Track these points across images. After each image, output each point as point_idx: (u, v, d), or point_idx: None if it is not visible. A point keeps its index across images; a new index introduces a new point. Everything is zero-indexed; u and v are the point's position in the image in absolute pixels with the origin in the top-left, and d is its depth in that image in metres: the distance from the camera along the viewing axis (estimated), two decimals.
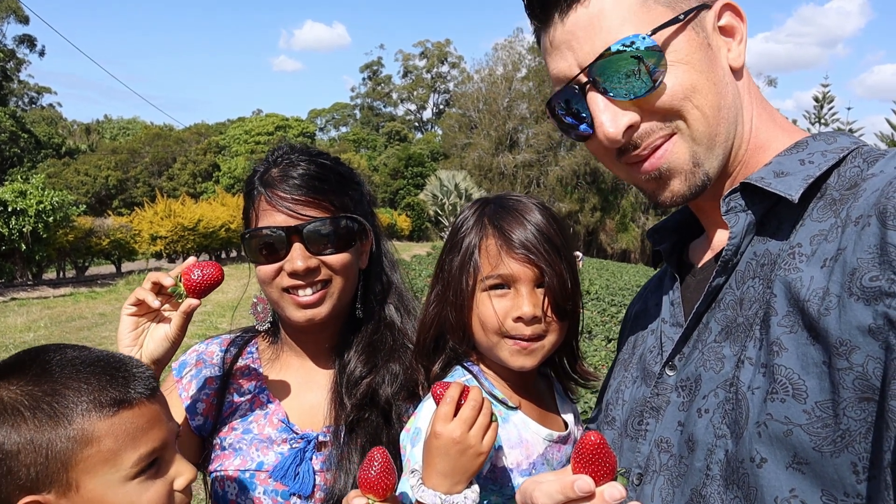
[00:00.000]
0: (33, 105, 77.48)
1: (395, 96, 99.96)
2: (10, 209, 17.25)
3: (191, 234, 25.67)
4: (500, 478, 1.31)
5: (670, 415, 1.07)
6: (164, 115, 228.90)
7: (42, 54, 69.26)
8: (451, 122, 71.30)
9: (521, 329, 1.32)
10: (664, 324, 1.18)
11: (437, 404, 1.21)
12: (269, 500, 1.49)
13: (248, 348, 1.72)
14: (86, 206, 25.75)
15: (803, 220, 0.98)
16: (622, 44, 1.00)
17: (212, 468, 1.56)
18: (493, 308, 1.33)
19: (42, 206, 17.73)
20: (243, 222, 1.62)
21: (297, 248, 1.47)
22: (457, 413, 1.18)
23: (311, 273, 1.48)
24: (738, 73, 1.09)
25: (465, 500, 1.17)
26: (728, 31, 1.09)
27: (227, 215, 27.68)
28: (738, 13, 1.09)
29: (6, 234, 17.20)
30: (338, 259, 1.51)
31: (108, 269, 26.46)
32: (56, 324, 12.47)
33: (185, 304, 1.38)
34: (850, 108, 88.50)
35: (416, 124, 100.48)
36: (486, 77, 67.71)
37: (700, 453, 0.98)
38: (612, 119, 1.03)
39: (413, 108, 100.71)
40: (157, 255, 26.43)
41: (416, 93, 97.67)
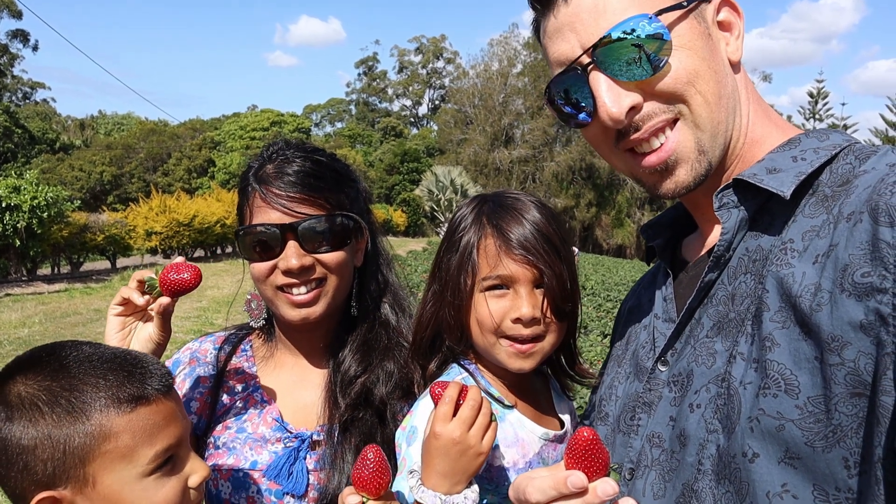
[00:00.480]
0: (27, 100, 76.96)
1: (390, 92, 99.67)
2: (3, 205, 17.13)
3: (186, 230, 25.56)
4: (496, 477, 1.31)
5: (662, 410, 1.08)
6: (159, 110, 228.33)
7: (36, 49, 68.70)
8: (446, 117, 71.17)
9: (520, 330, 1.31)
10: (657, 319, 1.19)
11: (435, 404, 1.20)
12: (262, 500, 1.48)
13: (241, 346, 1.71)
14: (80, 202, 25.58)
15: (795, 217, 0.98)
16: (628, 24, 1.01)
17: None
18: (489, 310, 1.32)
19: (36, 201, 17.61)
20: (237, 219, 1.60)
21: (291, 246, 1.45)
22: (456, 413, 1.18)
23: (305, 271, 1.47)
24: (735, 68, 1.10)
25: (466, 500, 1.16)
26: (726, 27, 1.10)
27: (222, 211, 27.55)
28: (735, 9, 1.10)
29: (0, 229, 17.11)
30: (333, 257, 1.50)
31: (103, 264, 26.35)
32: (51, 319, 12.42)
33: (157, 304, 1.37)
34: (844, 104, 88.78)
35: (412, 120, 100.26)
36: (481, 73, 67.57)
37: (692, 448, 0.98)
38: (615, 99, 1.03)
39: (409, 103, 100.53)
40: (153, 251, 26.31)
41: (411, 88, 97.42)
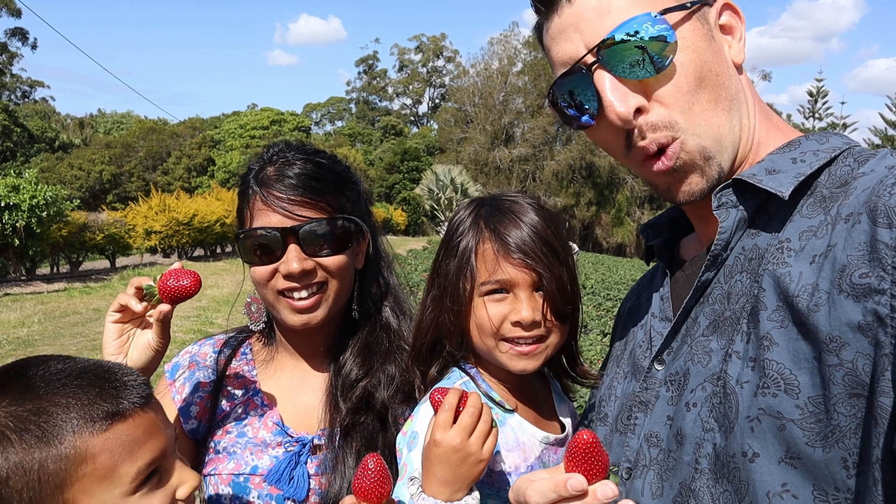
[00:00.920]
0: (26, 99, 76.94)
1: (390, 90, 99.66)
2: (2, 204, 17.11)
3: (186, 229, 25.57)
4: (497, 482, 1.30)
5: (659, 409, 1.08)
6: (159, 109, 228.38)
7: (34, 48, 68.67)
8: (446, 116, 71.19)
9: (520, 333, 1.30)
10: (653, 318, 1.19)
11: (435, 411, 1.19)
12: None
13: (241, 349, 1.69)
14: (80, 201, 25.53)
15: (793, 217, 0.98)
16: (632, 24, 1.00)
17: (205, 472, 1.53)
18: (489, 314, 1.31)
19: (35, 200, 17.59)
20: (237, 222, 1.58)
21: (292, 250, 1.44)
22: (456, 420, 1.17)
23: (306, 275, 1.45)
24: (738, 70, 1.10)
25: None
26: (727, 30, 1.10)
27: (222, 210, 27.55)
28: (736, 13, 1.10)
29: None
30: (334, 261, 1.48)
31: (103, 264, 26.36)
32: (50, 319, 12.42)
33: (157, 311, 1.34)
34: (844, 103, 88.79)
35: (412, 119, 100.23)
36: (481, 71, 67.57)
37: (688, 447, 0.98)
38: (621, 98, 1.02)
39: (409, 102, 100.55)
40: (152, 250, 26.34)
41: (411, 87, 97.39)
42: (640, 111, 1.03)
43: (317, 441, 1.52)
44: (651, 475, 1.05)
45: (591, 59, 1.04)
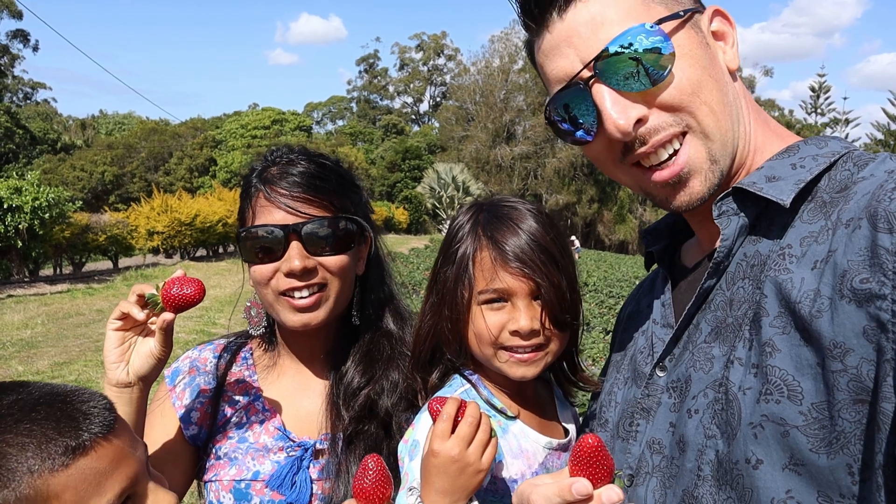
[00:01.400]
0: (28, 101, 77.08)
1: (391, 89, 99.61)
2: (5, 206, 17.15)
3: (188, 230, 25.58)
4: (501, 489, 1.29)
5: (662, 416, 1.07)
6: (160, 109, 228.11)
7: (36, 49, 68.72)
8: (447, 114, 71.18)
9: (518, 342, 1.29)
10: (655, 325, 1.18)
11: (433, 420, 1.18)
12: None
13: (241, 354, 1.68)
14: (82, 202, 25.59)
15: (793, 223, 0.98)
16: (626, 36, 0.99)
17: (207, 478, 1.52)
18: (486, 323, 1.30)
19: (38, 202, 17.62)
20: (238, 222, 1.57)
21: (294, 247, 1.43)
22: (455, 429, 1.15)
23: (308, 274, 1.44)
24: (733, 76, 1.10)
25: None
26: (719, 36, 1.10)
27: (223, 210, 27.56)
28: (727, 19, 1.11)
29: (2, 231, 17.10)
30: (336, 261, 1.47)
31: (105, 264, 26.40)
32: (53, 320, 12.45)
33: (160, 320, 1.33)
34: (846, 98, 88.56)
35: (413, 117, 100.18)
36: (482, 69, 67.56)
37: (691, 454, 0.98)
38: (621, 111, 1.01)
39: (410, 100, 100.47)
40: (154, 251, 26.36)
41: (412, 85, 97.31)
42: (641, 121, 1.02)
43: (319, 446, 1.51)
44: (654, 482, 1.05)
45: (587, 73, 1.03)
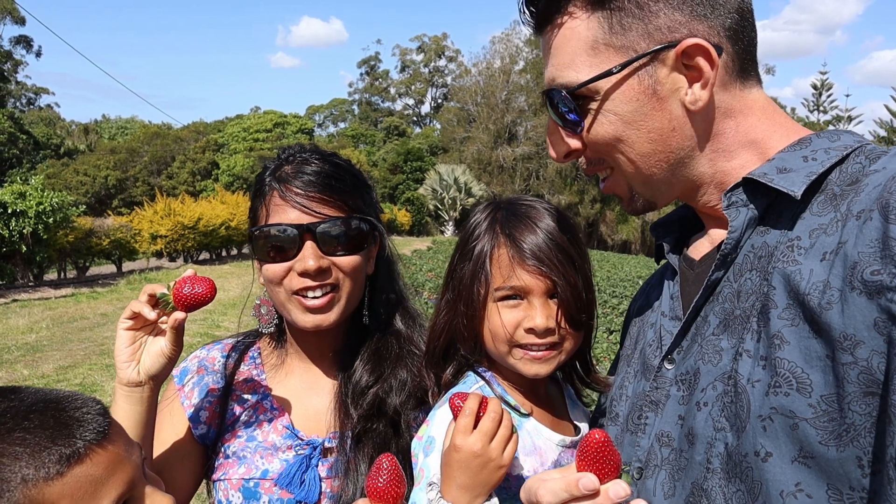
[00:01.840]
0: (31, 106, 77.34)
1: (392, 91, 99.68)
2: (9, 211, 17.21)
3: (191, 233, 25.61)
4: (514, 486, 1.29)
5: (671, 409, 1.07)
6: (162, 113, 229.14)
7: (39, 55, 69.06)
8: (449, 116, 71.16)
9: (533, 339, 1.30)
10: (663, 317, 1.18)
11: (455, 416, 1.18)
12: None
13: (249, 353, 1.68)
14: (85, 207, 25.69)
15: (803, 215, 0.97)
16: (555, 87, 1.10)
17: (216, 477, 1.53)
18: (502, 320, 1.31)
19: (42, 207, 17.68)
20: (250, 220, 1.57)
21: (309, 247, 1.43)
22: (476, 425, 1.16)
23: (321, 274, 1.44)
24: (701, 112, 1.04)
25: None
26: (694, 72, 1.02)
27: (226, 213, 27.58)
28: (709, 57, 1.00)
29: (6, 235, 17.16)
30: (349, 261, 1.48)
31: (109, 268, 26.46)
32: (58, 325, 12.48)
33: (172, 319, 1.34)
34: (848, 95, 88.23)
35: (415, 119, 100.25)
36: (483, 70, 67.53)
37: (700, 447, 0.98)
38: (554, 143, 1.17)
39: (411, 102, 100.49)
40: (158, 255, 26.39)
41: (413, 87, 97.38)
42: (574, 152, 1.15)
43: (328, 444, 1.51)
44: (663, 475, 1.05)
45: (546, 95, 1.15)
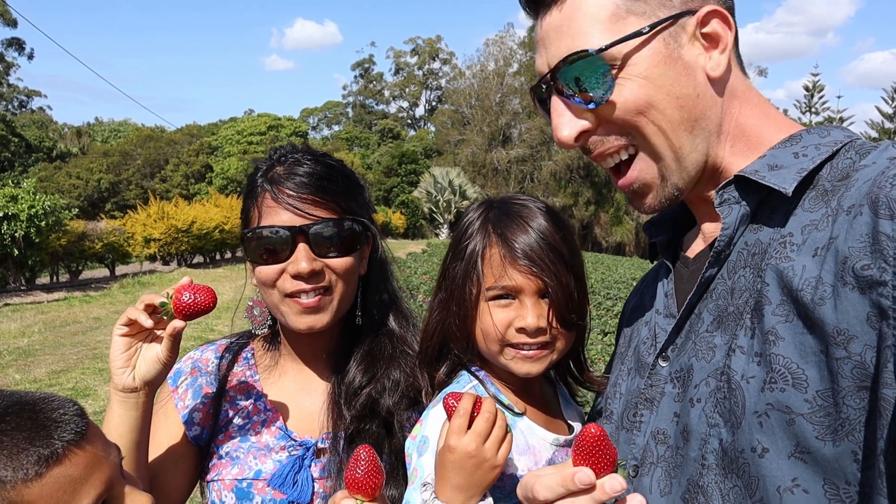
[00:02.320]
0: (23, 108, 76.95)
1: (387, 94, 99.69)
2: (1, 214, 17.11)
3: (185, 236, 25.51)
4: (508, 486, 1.29)
5: (666, 406, 1.08)
6: (156, 116, 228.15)
7: (31, 57, 68.78)
8: (443, 118, 71.20)
9: (525, 339, 1.30)
10: (657, 315, 1.19)
11: (449, 416, 1.18)
12: None
13: (243, 354, 1.68)
14: (78, 210, 25.49)
15: (795, 211, 0.98)
16: (575, 55, 1.03)
17: (209, 477, 1.53)
18: (493, 320, 1.31)
19: (34, 210, 17.56)
20: (242, 221, 1.56)
21: (302, 249, 1.42)
22: (470, 425, 1.16)
23: (314, 276, 1.44)
24: (718, 82, 1.06)
25: None
26: (712, 39, 1.05)
27: (220, 216, 27.49)
28: (726, 21, 1.04)
29: None
30: (342, 263, 1.47)
31: (102, 272, 26.31)
32: (50, 329, 12.40)
33: (170, 327, 1.34)
34: (840, 97, 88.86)
35: (409, 121, 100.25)
36: (477, 73, 67.66)
37: (694, 443, 0.98)
38: (565, 123, 1.08)
39: (405, 105, 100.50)
40: (151, 258, 26.28)
41: (408, 90, 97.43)
42: (586, 133, 1.08)
43: (320, 445, 1.51)
44: (659, 472, 1.05)
45: (549, 78, 1.09)
